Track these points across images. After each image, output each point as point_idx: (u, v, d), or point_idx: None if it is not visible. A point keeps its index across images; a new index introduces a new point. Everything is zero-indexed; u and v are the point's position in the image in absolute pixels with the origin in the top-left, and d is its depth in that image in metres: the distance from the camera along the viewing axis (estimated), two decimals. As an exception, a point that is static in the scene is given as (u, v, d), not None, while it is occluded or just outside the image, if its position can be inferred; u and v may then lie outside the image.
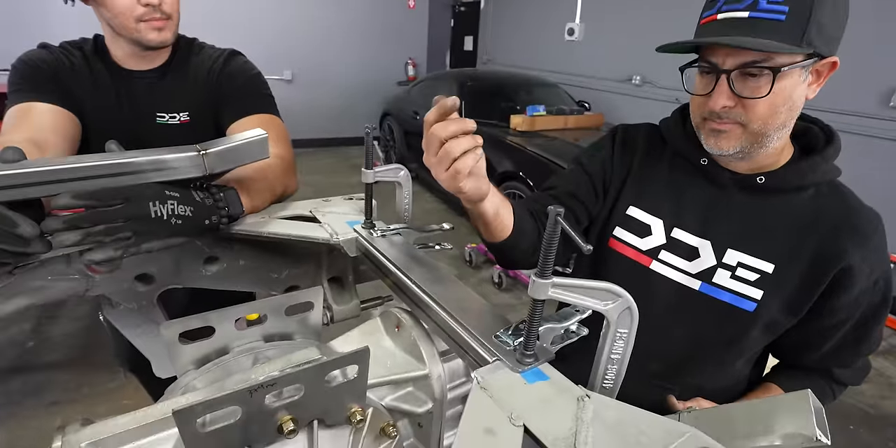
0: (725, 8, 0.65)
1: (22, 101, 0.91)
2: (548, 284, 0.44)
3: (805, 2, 0.61)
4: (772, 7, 0.62)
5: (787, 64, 0.63)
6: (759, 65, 0.64)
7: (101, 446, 0.45)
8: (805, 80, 0.67)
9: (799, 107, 0.70)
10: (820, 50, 0.64)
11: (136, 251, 0.63)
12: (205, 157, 0.65)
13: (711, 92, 0.69)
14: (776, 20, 0.62)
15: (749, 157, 0.74)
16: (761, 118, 0.68)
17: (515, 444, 0.39)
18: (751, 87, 0.66)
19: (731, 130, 0.70)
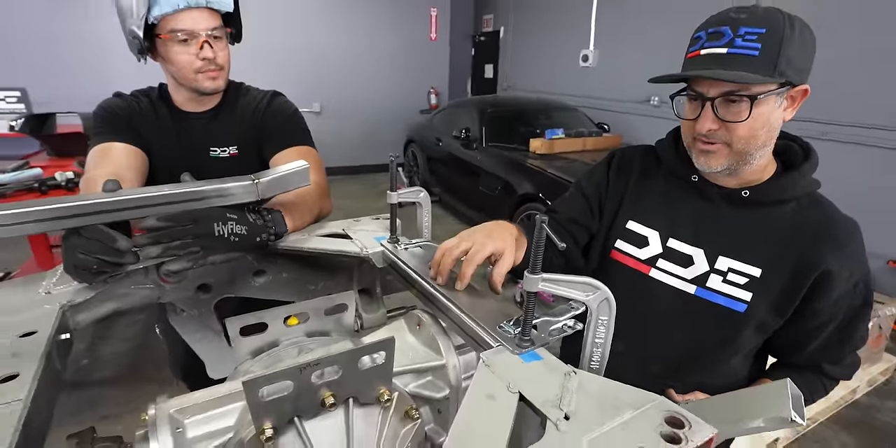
0: (707, 45, 0.75)
1: (102, 142, 1.07)
2: (538, 279, 0.54)
3: (775, 40, 0.70)
4: (747, 44, 0.71)
5: (763, 92, 0.73)
6: (738, 93, 0.73)
7: (184, 413, 0.57)
8: (780, 105, 0.76)
9: (777, 128, 0.79)
10: (791, 79, 0.73)
11: (203, 263, 0.76)
12: (258, 185, 0.78)
13: (699, 116, 0.78)
14: (750, 55, 0.71)
15: (735, 173, 0.83)
16: (743, 139, 0.77)
17: (511, 407, 0.49)
18: (732, 112, 0.75)
19: (718, 150, 0.79)
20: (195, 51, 1.03)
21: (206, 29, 1.03)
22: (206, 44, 1.03)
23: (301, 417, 0.59)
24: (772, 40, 0.70)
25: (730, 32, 0.72)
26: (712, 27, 0.75)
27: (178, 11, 0.99)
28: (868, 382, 2.39)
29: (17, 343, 0.57)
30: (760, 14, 0.72)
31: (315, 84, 6.14)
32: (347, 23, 6.16)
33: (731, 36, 0.72)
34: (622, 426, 0.47)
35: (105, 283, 0.73)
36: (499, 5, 7.06)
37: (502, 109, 4.72)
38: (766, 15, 0.72)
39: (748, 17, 0.72)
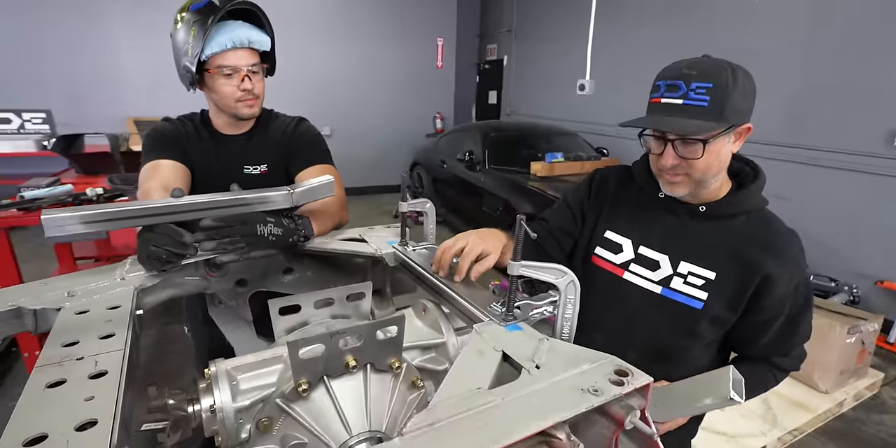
0: (667, 95, 0.89)
1: (153, 159, 1.25)
2: (519, 265, 0.69)
3: (721, 92, 0.84)
4: (698, 97, 0.85)
5: (713, 135, 0.87)
6: (692, 137, 0.87)
7: (238, 370, 0.71)
8: (729, 141, 0.91)
9: (727, 159, 0.94)
10: (735, 122, 0.88)
11: (246, 257, 0.91)
12: (293, 194, 0.95)
13: (662, 153, 0.93)
14: (701, 106, 0.85)
15: (696, 195, 0.99)
16: (700, 171, 0.92)
17: (495, 360, 0.63)
18: (689, 151, 0.89)
19: (681, 181, 0.95)
20: (237, 83, 1.22)
21: (247, 65, 1.22)
22: (247, 77, 1.22)
23: (329, 377, 0.73)
24: (718, 93, 0.84)
25: (684, 87, 0.86)
26: (669, 80, 0.89)
27: (225, 51, 1.18)
28: (854, 397, 2.48)
29: (108, 314, 0.73)
30: (707, 70, 0.86)
31: (326, 109, 6.43)
32: (358, 51, 6.50)
33: (685, 89, 0.86)
34: (580, 374, 0.61)
35: (165, 273, 0.89)
36: (502, 36, 7.40)
37: (504, 134, 4.94)
38: (712, 70, 0.86)
39: (698, 73, 0.86)
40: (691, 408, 0.82)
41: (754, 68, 0.95)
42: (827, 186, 3.58)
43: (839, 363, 2.41)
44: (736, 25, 4.03)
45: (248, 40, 1.20)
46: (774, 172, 3.75)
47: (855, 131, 3.38)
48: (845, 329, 2.36)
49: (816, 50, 3.56)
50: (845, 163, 3.46)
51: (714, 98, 0.85)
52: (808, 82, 3.63)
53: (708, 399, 0.79)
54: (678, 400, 0.84)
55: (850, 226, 3.46)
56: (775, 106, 3.81)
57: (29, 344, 2.45)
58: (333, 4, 6.26)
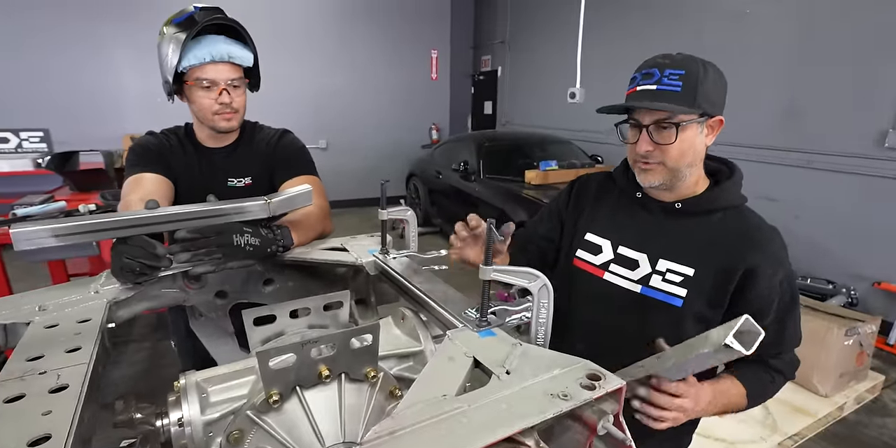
0: (641, 83, 0.93)
1: (136, 173, 1.25)
2: (490, 270, 0.69)
3: (692, 79, 0.88)
4: (671, 82, 0.89)
5: (685, 120, 0.90)
6: (667, 121, 0.90)
7: (208, 382, 0.70)
8: (702, 132, 0.93)
9: (701, 151, 0.96)
10: (707, 110, 0.90)
11: (222, 268, 0.91)
12: (269, 204, 0.94)
13: (637, 140, 0.95)
14: (674, 91, 0.89)
15: (672, 188, 0.99)
16: (674, 158, 0.93)
17: (465, 366, 0.62)
18: (663, 136, 0.92)
19: (654, 168, 0.96)
20: (215, 96, 1.22)
21: (225, 79, 1.22)
22: (225, 91, 1.22)
23: (302, 387, 0.72)
24: (690, 80, 0.89)
25: (658, 73, 0.91)
26: (645, 69, 0.93)
27: (203, 64, 1.19)
28: (855, 400, 2.45)
29: (77, 327, 0.72)
30: (679, 60, 0.91)
31: (322, 122, 6.48)
32: (353, 64, 6.56)
33: (659, 76, 0.90)
34: (551, 379, 0.60)
35: (140, 285, 0.88)
36: (496, 47, 7.47)
37: (499, 143, 4.96)
38: (684, 61, 0.91)
39: (671, 62, 0.91)
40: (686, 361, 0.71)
41: (746, 74, 0.99)
42: (822, 188, 3.58)
43: (838, 366, 2.38)
44: (727, 32, 4.07)
45: (227, 55, 1.21)
46: (770, 176, 3.82)
47: (847, 133, 3.40)
48: (843, 331, 2.34)
49: (807, 54, 3.59)
50: (840, 165, 3.47)
51: (686, 84, 0.88)
52: (800, 86, 3.65)
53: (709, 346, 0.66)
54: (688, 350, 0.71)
55: (845, 227, 3.45)
56: (769, 110, 3.83)
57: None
58: (328, 17, 6.33)
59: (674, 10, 4.54)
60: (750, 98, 3.92)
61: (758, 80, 3.87)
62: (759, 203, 4.19)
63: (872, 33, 3.19)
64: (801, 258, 3.63)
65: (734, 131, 4.11)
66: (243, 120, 1.38)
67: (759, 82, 3.86)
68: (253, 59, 1.29)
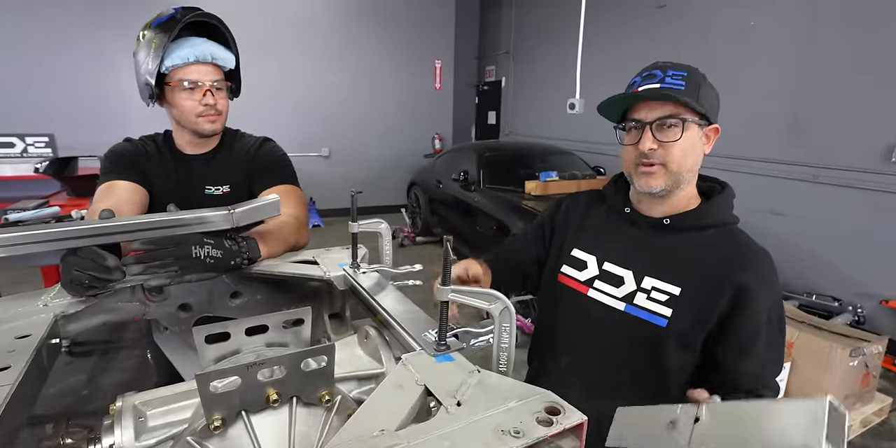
0: (643, 83, 0.91)
1: (108, 180, 1.22)
2: (448, 290, 0.64)
3: (695, 81, 0.89)
4: (674, 81, 0.89)
5: (690, 118, 0.88)
6: (672, 117, 0.88)
7: (147, 405, 0.66)
8: (701, 138, 0.92)
9: (700, 158, 0.93)
10: (707, 112, 0.89)
11: (179, 281, 0.87)
12: (233, 214, 0.91)
13: (640, 140, 0.91)
14: (678, 89, 0.88)
15: (669, 196, 0.95)
16: (676, 159, 0.90)
17: (414, 395, 0.58)
18: (668, 133, 0.89)
19: (657, 171, 0.92)
20: (199, 97, 1.20)
21: (209, 80, 1.20)
22: (209, 92, 1.20)
23: (248, 412, 0.68)
24: (692, 81, 0.89)
25: (660, 74, 0.90)
26: (646, 71, 0.93)
27: (187, 64, 1.16)
28: (861, 423, 2.36)
29: (13, 343, 0.68)
30: (683, 65, 0.92)
31: (324, 130, 6.49)
32: (356, 73, 6.58)
33: (662, 76, 0.90)
34: (505, 412, 0.55)
35: (95, 298, 0.85)
36: (500, 58, 7.48)
37: (500, 153, 4.92)
38: (686, 66, 0.92)
39: (673, 65, 0.92)
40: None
41: (750, 87, 0.99)
42: (828, 203, 3.50)
43: (843, 388, 2.30)
44: (730, 45, 4.03)
45: (210, 56, 1.18)
46: (774, 190, 3.75)
47: (854, 147, 3.33)
48: (847, 351, 2.26)
49: (811, 67, 3.54)
50: (846, 179, 3.40)
51: (689, 83, 0.89)
52: (805, 99, 3.60)
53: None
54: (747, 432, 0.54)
55: (852, 243, 3.37)
56: (774, 123, 3.77)
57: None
58: (331, 26, 6.37)
59: (676, 22, 4.52)
60: (754, 111, 3.87)
61: (762, 93, 3.82)
62: (764, 217, 4.10)
63: (878, 46, 3.14)
64: (806, 274, 3.54)
65: (738, 144, 4.09)
66: (224, 126, 1.35)
67: (764, 95, 3.81)
68: (235, 62, 1.26)
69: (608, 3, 5.17)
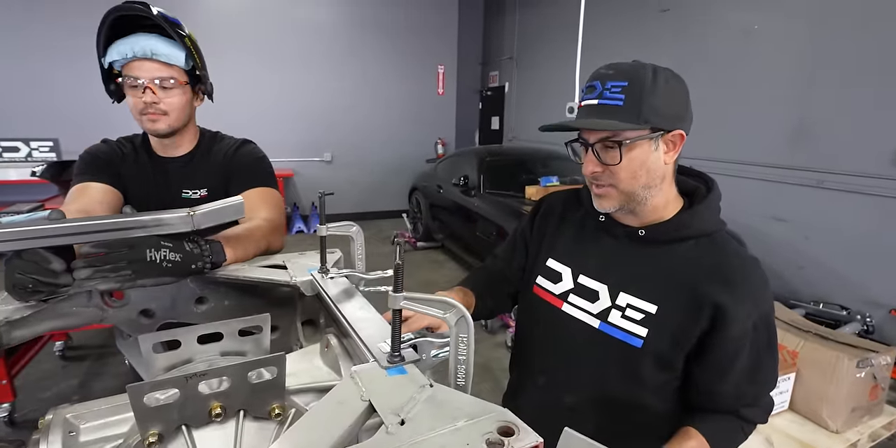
0: (585, 97, 0.84)
1: (81, 182, 1.19)
2: (400, 297, 0.60)
3: (635, 92, 0.78)
4: (613, 95, 0.80)
5: (630, 138, 0.79)
6: (610, 140, 0.80)
7: (80, 418, 0.62)
8: (656, 149, 0.82)
9: (657, 170, 0.83)
10: (660, 125, 0.79)
11: (132, 285, 0.83)
12: (193, 216, 0.87)
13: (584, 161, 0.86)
14: (616, 105, 0.79)
15: (634, 212, 0.88)
16: (624, 180, 0.82)
17: (355, 412, 0.53)
18: (609, 156, 0.82)
19: (607, 193, 0.86)
20: (141, 95, 1.16)
21: (150, 77, 1.15)
22: (149, 89, 1.16)
23: (190, 426, 0.63)
24: (634, 92, 0.78)
25: (599, 86, 0.81)
26: (589, 82, 0.84)
27: (128, 61, 1.13)
28: (870, 437, 2.26)
29: (-57, 351, 0.64)
30: (624, 69, 0.80)
31: (327, 135, 6.49)
32: (358, 77, 6.59)
33: (601, 89, 0.81)
34: (452, 432, 0.50)
35: (44, 303, 0.81)
36: (503, 63, 7.46)
37: (501, 158, 4.88)
38: (629, 69, 0.80)
39: (614, 72, 0.81)
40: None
41: (754, 91, 0.89)
42: (834, 209, 3.42)
43: (849, 400, 2.21)
44: (735, 49, 3.97)
45: (150, 51, 1.13)
46: (779, 195, 3.67)
47: (861, 152, 3.26)
48: (854, 362, 2.17)
49: (818, 70, 3.47)
50: (853, 185, 3.32)
51: (629, 96, 0.78)
52: (810, 103, 3.53)
53: None
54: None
55: (860, 250, 3.28)
56: (778, 127, 3.70)
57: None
58: (334, 31, 6.38)
59: (679, 26, 4.46)
60: (758, 115, 3.80)
61: (766, 97, 3.75)
62: (768, 223, 4.02)
63: (884, 48, 3.07)
64: (813, 282, 3.45)
65: (742, 149, 4.02)
66: (194, 126, 1.32)
67: (768, 99, 3.74)
68: (184, 59, 1.20)
69: (611, 7, 5.14)
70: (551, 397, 0.97)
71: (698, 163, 4.13)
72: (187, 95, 1.23)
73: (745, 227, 3.90)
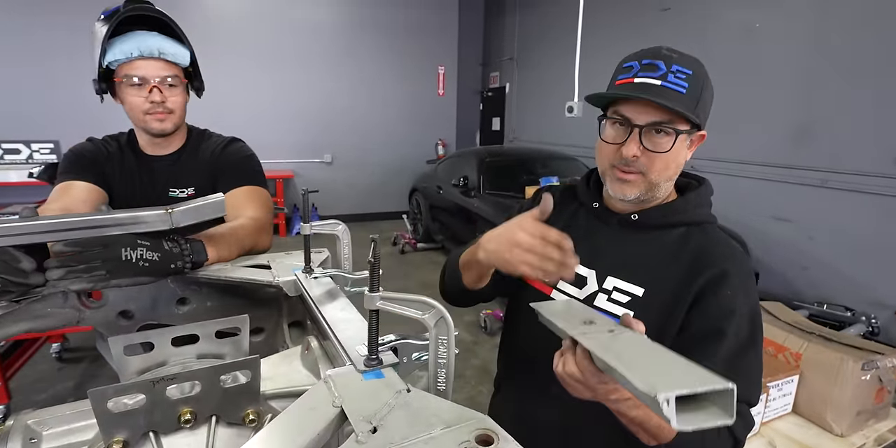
0: (642, 74, 0.78)
1: (65, 180, 1.17)
2: (377, 297, 0.57)
3: (698, 83, 0.77)
4: (677, 81, 0.76)
5: (685, 129, 0.78)
6: (667, 125, 0.77)
7: (42, 425, 0.59)
8: (690, 145, 0.82)
9: (682, 165, 0.84)
10: (700, 122, 0.79)
11: (105, 285, 0.80)
12: (171, 214, 0.84)
13: (625, 142, 0.80)
14: (679, 92, 0.76)
15: (644, 203, 0.87)
16: (658, 170, 0.80)
17: (325, 419, 0.50)
18: (656, 143, 0.79)
19: (634, 180, 0.83)
20: (146, 94, 1.14)
21: (156, 76, 1.14)
22: (156, 89, 1.14)
23: (158, 433, 0.61)
24: (696, 83, 0.77)
25: (664, 67, 0.77)
26: (647, 59, 0.79)
27: (131, 59, 1.11)
28: (876, 441, 2.22)
29: None
30: (688, 58, 0.79)
31: (327, 136, 6.47)
32: (359, 78, 6.57)
33: (665, 70, 0.77)
34: (426, 441, 0.47)
35: (16, 304, 0.78)
36: (504, 64, 7.44)
37: (501, 159, 4.85)
38: (692, 60, 0.79)
39: (679, 57, 0.78)
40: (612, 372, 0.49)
41: (756, 89, 0.87)
42: (838, 209, 3.37)
43: (854, 403, 2.16)
44: (735, 47, 3.93)
45: (157, 50, 1.13)
46: (782, 195, 3.63)
47: (865, 151, 3.21)
48: (859, 364, 2.13)
49: (820, 68, 3.43)
50: (857, 184, 3.27)
51: (692, 87, 0.77)
52: (813, 101, 3.48)
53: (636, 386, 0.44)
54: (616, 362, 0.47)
55: (865, 250, 3.23)
56: (781, 126, 3.66)
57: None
58: (334, 31, 6.37)
59: (681, 24, 4.43)
60: (760, 114, 3.76)
61: (769, 95, 3.71)
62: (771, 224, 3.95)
63: (888, 45, 3.03)
64: (816, 282, 3.40)
65: (743, 149, 3.98)
66: (184, 124, 1.30)
67: (770, 98, 3.70)
68: (189, 58, 1.20)
69: (612, 6, 5.11)
70: (536, 384, 0.95)
71: (699, 162, 4.09)
72: (185, 93, 1.23)
73: (747, 228, 3.86)
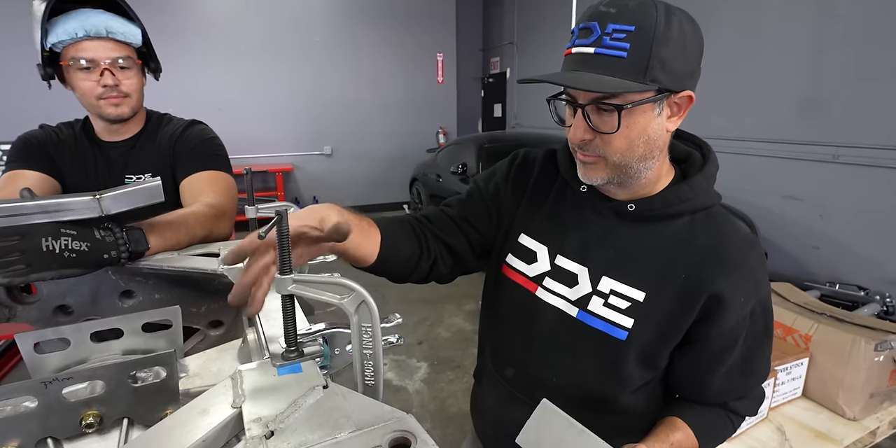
0: (578, 42, 0.65)
1: (12, 170, 1.11)
2: (288, 280, 0.49)
3: (645, 39, 0.61)
4: (614, 44, 0.62)
5: (635, 100, 0.63)
6: (607, 102, 0.64)
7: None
8: (660, 114, 0.67)
9: (658, 139, 0.69)
10: (667, 85, 0.64)
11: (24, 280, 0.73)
12: (100, 200, 0.77)
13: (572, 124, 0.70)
14: (618, 57, 0.62)
15: (623, 185, 0.74)
16: (618, 151, 0.68)
17: (217, 422, 0.43)
18: (604, 122, 0.66)
19: (595, 162, 0.71)
20: (96, 78, 1.07)
21: (106, 58, 1.07)
22: (108, 71, 1.07)
23: (58, 439, 0.54)
24: (642, 41, 0.61)
25: (598, 29, 0.63)
26: (583, 22, 0.65)
27: (77, 40, 1.04)
28: (890, 424, 2.12)
29: None
30: (630, 8, 0.62)
31: (325, 127, 6.39)
32: (356, 68, 6.45)
33: (599, 33, 0.62)
34: (333, 445, 0.40)
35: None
36: (504, 49, 7.28)
37: (500, 144, 4.74)
38: (637, 8, 0.62)
39: (617, 11, 0.62)
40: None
41: (762, 62, 0.73)
42: (851, 185, 3.23)
43: (867, 385, 2.06)
44: (740, 18, 3.77)
45: (105, 29, 1.05)
46: (791, 172, 3.49)
47: (878, 123, 3.06)
48: (872, 345, 2.03)
49: (830, 37, 3.26)
50: (869, 158, 3.12)
51: (635, 46, 0.61)
52: (823, 73, 3.33)
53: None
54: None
55: (878, 227, 3.10)
56: (789, 100, 3.51)
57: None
58: (331, 20, 6.25)
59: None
60: (767, 88, 3.61)
61: (775, 68, 3.55)
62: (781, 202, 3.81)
63: (902, 11, 2.87)
64: (828, 262, 3.28)
65: (751, 126, 3.83)
66: (142, 109, 1.23)
67: (777, 71, 3.54)
68: (141, 36, 1.12)
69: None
70: (519, 391, 0.86)
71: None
72: (141, 75, 1.15)
73: (756, 208, 3.73)
